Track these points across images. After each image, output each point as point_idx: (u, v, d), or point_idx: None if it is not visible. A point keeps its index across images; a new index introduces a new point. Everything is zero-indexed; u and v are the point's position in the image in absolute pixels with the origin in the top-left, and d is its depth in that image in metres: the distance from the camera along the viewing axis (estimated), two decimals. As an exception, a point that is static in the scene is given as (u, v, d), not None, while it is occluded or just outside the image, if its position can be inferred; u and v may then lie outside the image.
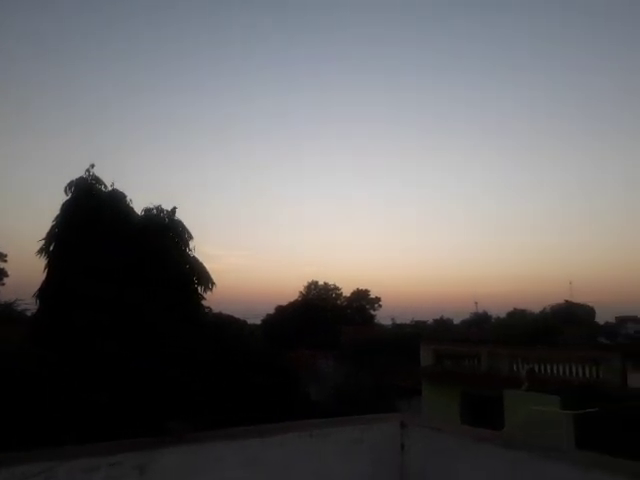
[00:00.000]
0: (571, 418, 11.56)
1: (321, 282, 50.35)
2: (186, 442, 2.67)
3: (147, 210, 11.41)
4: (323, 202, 75.91)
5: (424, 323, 53.04)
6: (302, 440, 2.91)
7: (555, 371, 17.03)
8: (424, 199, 76.25)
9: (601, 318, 49.55)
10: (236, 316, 23.89)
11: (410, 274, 78.32)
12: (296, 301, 46.80)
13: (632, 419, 12.34)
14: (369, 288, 50.56)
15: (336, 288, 50.60)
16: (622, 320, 52.08)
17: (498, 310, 58.04)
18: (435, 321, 55.08)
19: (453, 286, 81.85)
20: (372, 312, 50.81)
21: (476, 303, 56.69)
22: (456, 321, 56.53)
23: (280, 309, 44.42)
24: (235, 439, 2.79)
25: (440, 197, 75.67)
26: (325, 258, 75.79)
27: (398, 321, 51.94)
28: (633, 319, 52.23)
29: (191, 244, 9.14)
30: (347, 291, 50.66)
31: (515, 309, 49.28)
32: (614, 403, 13.03)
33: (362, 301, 50.72)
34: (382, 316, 51.35)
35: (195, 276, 6.93)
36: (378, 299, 50.71)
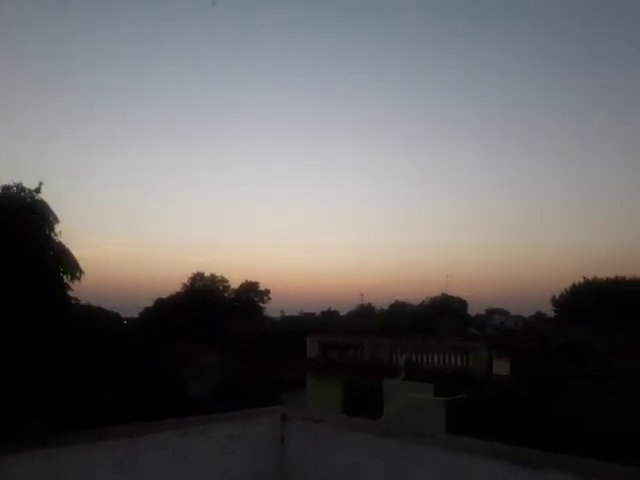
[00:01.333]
0: (442, 404, 12.55)
1: (207, 274, 49.24)
2: (47, 445, 2.45)
3: (5, 188, 10.22)
4: (214, 193, 74.31)
5: (312, 315, 54.30)
6: (176, 439, 2.81)
7: (430, 360, 18.37)
8: (315, 195, 77.81)
9: (473, 310, 54.50)
10: (109, 309, 22.45)
11: (300, 266, 79.70)
12: (179, 293, 45.25)
13: (495, 403, 13.73)
14: (258, 280, 50.49)
15: (223, 280, 49.76)
16: (491, 312, 57.68)
17: (382, 302, 61.33)
18: (323, 313, 56.65)
19: (341, 278, 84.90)
20: (261, 305, 50.83)
21: (362, 295, 59.35)
22: (343, 312, 58.71)
23: (160, 302, 42.64)
24: (102, 440, 2.61)
25: (330, 194, 77.66)
26: (213, 250, 74.15)
27: (287, 313, 52.58)
28: (500, 311, 58.09)
29: (57, 228, 8.27)
30: (236, 283, 50.14)
31: (397, 301, 52.38)
32: (481, 389, 14.41)
33: (251, 293, 50.48)
34: (271, 308, 51.62)
35: (60, 263, 6.23)
36: (267, 291, 50.82)
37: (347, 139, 70.32)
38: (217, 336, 33.93)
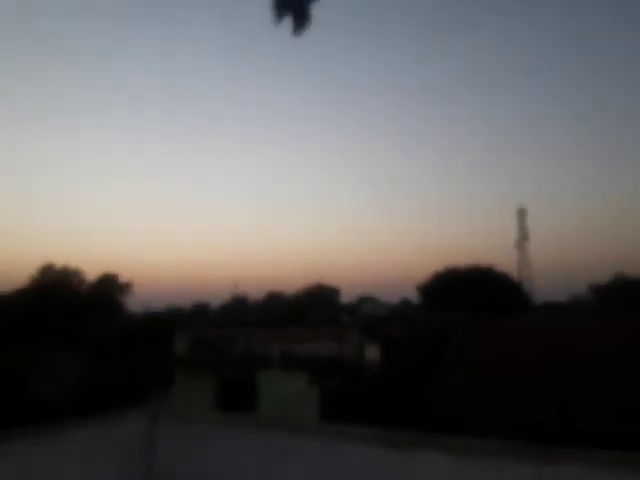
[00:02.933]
0: (317, 392, 13.05)
1: (60, 265, 45.39)
2: None
3: None
4: (70, 177, 68.00)
5: (182, 309, 52.72)
6: (28, 450, 2.62)
7: (305, 349, 18.90)
8: (187, 182, 75.16)
9: (345, 298, 57.00)
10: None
11: (166, 257, 76.64)
12: (25, 288, 41.20)
13: (367, 388, 14.60)
14: (119, 272, 47.69)
15: (79, 272, 46.28)
16: (363, 300, 60.82)
17: (257, 293, 61.45)
18: (193, 306, 55.32)
19: (213, 269, 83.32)
20: (122, 299, 48.10)
21: (236, 286, 58.93)
22: (216, 305, 57.78)
23: (2, 297, 38.51)
24: None
25: (202, 181, 75.52)
26: (67, 240, 68.14)
27: (153, 308, 50.37)
28: (370, 299, 61.49)
29: None
30: (93, 276, 46.86)
31: (271, 292, 52.98)
32: (354, 375, 15.23)
33: (110, 287, 47.56)
34: (134, 303, 49.16)
35: None
36: (129, 284, 48.20)
37: (204, 129, 68.17)
38: (72, 334, 31.58)
